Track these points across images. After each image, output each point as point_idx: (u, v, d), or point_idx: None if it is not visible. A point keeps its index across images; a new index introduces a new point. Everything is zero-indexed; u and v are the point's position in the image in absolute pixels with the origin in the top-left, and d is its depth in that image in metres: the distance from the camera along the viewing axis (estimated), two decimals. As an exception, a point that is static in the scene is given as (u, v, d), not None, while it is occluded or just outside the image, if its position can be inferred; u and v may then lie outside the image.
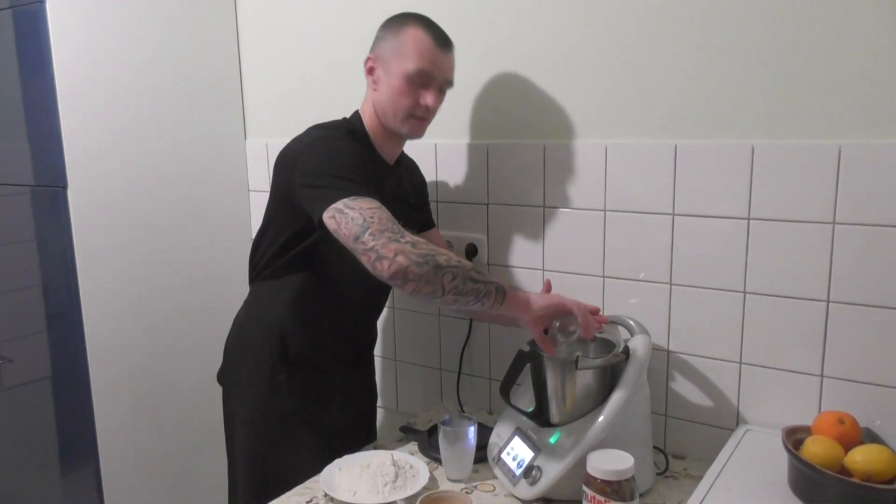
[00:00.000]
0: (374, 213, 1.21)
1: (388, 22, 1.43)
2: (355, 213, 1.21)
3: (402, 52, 1.37)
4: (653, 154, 1.44)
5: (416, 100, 1.39)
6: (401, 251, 1.16)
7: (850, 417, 1.16)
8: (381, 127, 1.45)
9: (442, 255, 1.20)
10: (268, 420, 1.47)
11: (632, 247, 1.50)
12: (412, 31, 1.38)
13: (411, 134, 1.45)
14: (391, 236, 1.18)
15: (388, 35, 1.40)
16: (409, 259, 1.15)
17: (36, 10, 1.64)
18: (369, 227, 1.18)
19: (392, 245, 1.16)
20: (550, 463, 1.25)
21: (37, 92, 1.70)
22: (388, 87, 1.39)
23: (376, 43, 1.43)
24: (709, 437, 1.46)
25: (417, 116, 1.42)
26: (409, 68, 1.36)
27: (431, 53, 1.38)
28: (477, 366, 1.77)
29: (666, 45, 1.41)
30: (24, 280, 1.88)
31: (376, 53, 1.42)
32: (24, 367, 1.96)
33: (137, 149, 1.83)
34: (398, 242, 1.17)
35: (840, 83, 1.26)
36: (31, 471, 2.03)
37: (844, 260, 1.28)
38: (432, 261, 1.17)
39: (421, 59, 1.37)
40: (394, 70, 1.38)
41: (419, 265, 1.16)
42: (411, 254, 1.16)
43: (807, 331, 1.33)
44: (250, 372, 1.50)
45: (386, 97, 1.40)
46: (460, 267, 1.20)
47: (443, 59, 1.40)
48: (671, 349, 1.48)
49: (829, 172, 1.27)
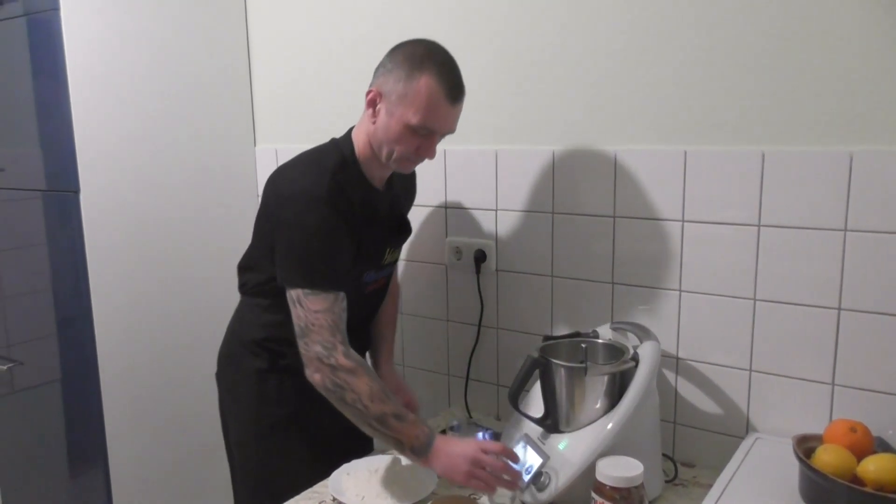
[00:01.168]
0: (319, 317, 1.28)
1: (401, 56, 1.31)
2: (301, 313, 1.29)
3: (411, 101, 1.28)
4: (662, 160, 1.44)
5: (415, 148, 1.33)
6: (319, 371, 1.28)
7: (862, 426, 1.15)
8: (370, 155, 1.39)
9: (355, 390, 1.26)
10: (260, 427, 1.48)
11: (641, 253, 1.49)
12: (426, 80, 1.27)
13: (400, 170, 1.42)
14: (319, 352, 1.28)
15: (399, 74, 1.29)
16: (323, 383, 1.28)
17: (50, 17, 1.66)
18: (307, 334, 1.29)
19: (315, 363, 1.28)
20: (559, 469, 1.25)
21: (50, 98, 1.72)
22: (387, 128, 1.32)
23: (383, 75, 1.32)
24: (718, 444, 1.45)
25: (411, 160, 1.38)
26: (413, 121, 1.29)
27: (441, 109, 1.30)
28: (485, 371, 1.77)
29: (676, 50, 1.41)
30: (35, 284, 1.89)
31: (382, 88, 1.32)
32: (34, 370, 1.97)
33: (148, 154, 1.85)
34: (321, 361, 1.28)
35: (852, 90, 1.25)
36: (41, 473, 2.04)
37: (856, 267, 1.27)
38: (338, 394, 1.28)
39: (428, 116, 1.29)
40: (398, 115, 1.30)
41: (327, 391, 1.29)
42: (326, 379, 1.28)
43: (818, 338, 1.32)
44: (241, 379, 1.50)
45: (383, 136, 1.34)
46: (363, 413, 1.27)
47: (450, 113, 1.33)
48: (680, 356, 1.48)
49: (841, 179, 1.26)
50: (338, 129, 1.46)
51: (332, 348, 1.28)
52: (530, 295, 1.66)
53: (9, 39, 1.78)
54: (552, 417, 1.32)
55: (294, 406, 1.47)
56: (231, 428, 1.55)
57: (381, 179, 1.45)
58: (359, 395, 1.26)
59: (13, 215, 1.91)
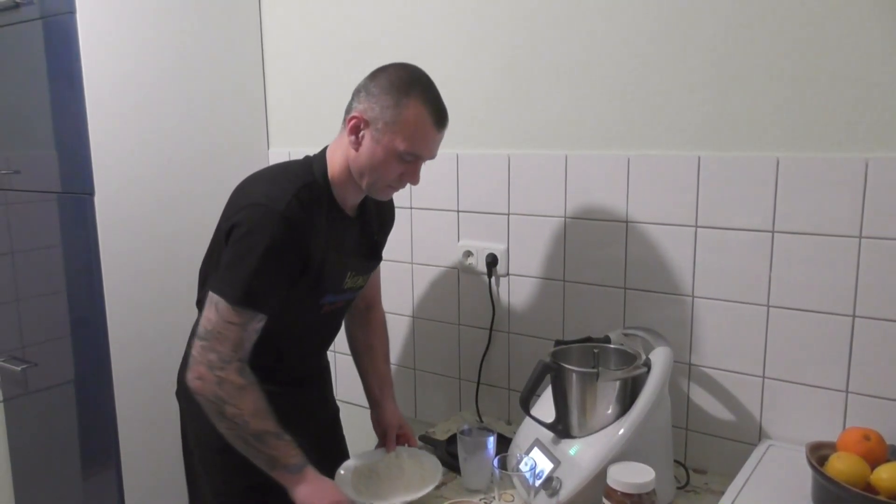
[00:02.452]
0: (230, 329, 1.24)
1: (386, 82, 1.28)
2: (213, 317, 1.25)
3: (399, 129, 1.26)
4: (676, 166, 1.44)
5: (399, 175, 1.31)
6: (203, 377, 1.23)
7: (876, 434, 1.14)
8: (345, 180, 1.35)
9: (235, 407, 1.23)
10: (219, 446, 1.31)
11: (654, 258, 1.49)
12: (413, 108, 1.26)
13: (379, 197, 1.39)
14: (212, 361, 1.23)
15: (386, 101, 1.26)
16: (203, 390, 1.24)
17: (66, 20, 1.68)
18: (208, 339, 1.24)
19: (202, 368, 1.23)
20: (570, 475, 1.24)
21: (65, 101, 1.73)
22: (372, 155, 1.28)
23: (367, 100, 1.28)
24: (731, 451, 1.44)
25: (393, 187, 1.35)
26: (401, 148, 1.27)
27: (429, 135, 1.29)
28: (496, 376, 1.77)
29: (689, 56, 1.41)
30: (49, 285, 1.90)
31: (367, 115, 1.28)
32: (48, 372, 1.98)
33: (163, 157, 1.86)
34: (209, 370, 1.23)
35: (867, 96, 1.25)
36: (54, 473, 2.05)
37: (871, 274, 1.26)
38: (217, 406, 1.23)
39: (417, 143, 1.28)
40: (385, 142, 1.27)
41: (206, 400, 1.24)
42: (207, 389, 1.23)
43: (832, 346, 1.31)
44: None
45: (366, 164, 1.30)
46: (242, 427, 1.23)
47: (436, 139, 1.32)
48: (693, 362, 1.47)
49: (856, 186, 1.26)
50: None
51: (228, 362, 1.23)
52: (542, 299, 1.66)
53: (25, 42, 1.80)
54: (563, 422, 1.31)
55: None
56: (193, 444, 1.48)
57: (353, 205, 1.41)
58: (242, 410, 1.23)
59: (29, 217, 1.93)
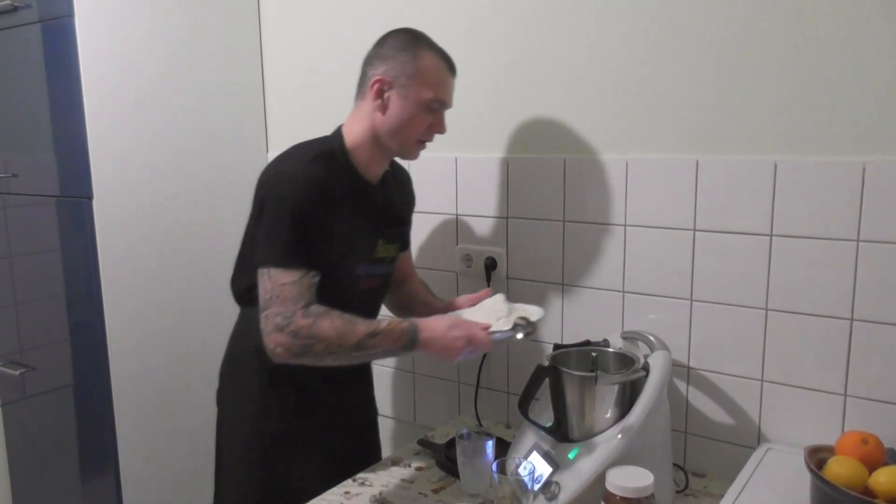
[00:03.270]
0: (285, 289, 1.27)
1: (395, 43, 1.38)
2: (269, 286, 1.28)
3: (421, 79, 1.35)
4: (674, 169, 1.44)
5: (428, 126, 1.39)
6: (280, 344, 1.26)
7: (874, 437, 1.14)
8: (370, 146, 1.41)
9: (321, 341, 1.25)
10: (262, 444, 1.45)
11: (652, 262, 1.49)
12: (430, 56, 1.37)
13: (411, 157, 1.46)
14: (279, 323, 1.26)
15: (402, 57, 1.36)
16: (287, 351, 1.26)
17: (64, 23, 1.68)
18: (270, 306, 1.27)
19: (274, 335, 1.26)
20: (569, 479, 1.24)
21: (64, 104, 1.73)
22: (402, 111, 1.36)
23: (385, 62, 1.37)
24: (729, 455, 1.44)
25: (424, 141, 1.43)
26: (429, 96, 1.36)
27: (447, 81, 1.40)
28: (495, 379, 1.77)
29: (688, 60, 1.41)
30: (48, 289, 1.90)
31: (388, 76, 1.36)
32: (46, 376, 1.98)
33: (161, 161, 1.86)
34: (280, 332, 1.25)
35: (864, 100, 1.25)
36: (52, 478, 2.05)
37: (869, 278, 1.27)
38: (308, 352, 1.26)
39: (440, 89, 1.37)
40: (412, 95, 1.35)
41: (296, 357, 1.27)
42: (290, 348, 1.26)
43: (830, 349, 1.32)
44: (242, 394, 1.49)
45: (396, 122, 1.37)
46: (339, 352, 1.27)
47: (453, 85, 1.42)
48: (692, 365, 1.47)
49: (854, 189, 1.26)
50: (349, 137, 1.47)
51: (292, 314, 1.26)
52: (541, 303, 1.66)
53: (24, 46, 1.80)
54: (562, 426, 1.31)
55: (296, 421, 1.46)
56: (230, 445, 1.52)
57: (376, 175, 1.46)
58: (327, 340, 1.25)
59: (27, 221, 1.93)
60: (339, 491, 1.42)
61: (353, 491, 1.42)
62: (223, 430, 1.55)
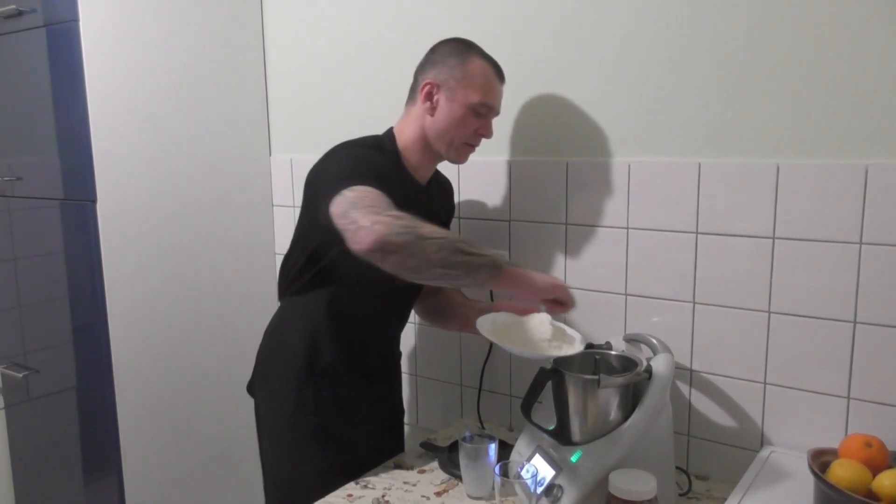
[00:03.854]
0: (368, 193, 1.22)
1: (446, 49, 1.44)
2: (350, 194, 1.22)
3: (469, 83, 1.40)
4: (677, 172, 1.44)
5: (475, 129, 1.44)
6: (379, 221, 1.15)
7: (877, 441, 1.14)
8: (420, 148, 1.46)
9: (427, 226, 1.19)
10: (294, 436, 1.48)
11: (655, 265, 1.49)
12: (478, 62, 1.42)
13: (458, 160, 1.49)
14: (375, 210, 1.18)
15: (451, 62, 1.41)
16: (388, 228, 1.14)
17: (69, 28, 1.69)
18: (357, 203, 1.19)
19: (372, 216, 1.16)
20: (571, 482, 1.24)
21: (68, 108, 1.74)
22: (449, 114, 1.41)
23: (435, 67, 1.43)
24: (733, 458, 1.44)
25: (471, 144, 1.47)
26: (475, 100, 1.40)
27: (495, 86, 1.44)
28: (498, 382, 1.77)
29: (690, 62, 1.41)
30: (52, 292, 1.91)
31: (438, 79, 1.42)
32: (50, 378, 1.98)
33: (165, 164, 1.87)
34: (379, 214, 1.17)
35: (867, 102, 1.25)
36: (55, 480, 2.05)
37: (872, 280, 1.26)
38: (414, 231, 1.16)
39: (487, 93, 1.41)
40: (460, 97, 1.40)
41: (399, 234, 1.14)
42: (392, 224, 1.15)
43: (833, 352, 1.31)
44: (279, 386, 1.50)
45: (444, 124, 1.42)
46: (447, 238, 1.20)
47: (500, 91, 1.46)
48: (694, 368, 1.47)
49: (856, 192, 1.26)
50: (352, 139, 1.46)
51: (388, 207, 1.20)
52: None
53: (29, 50, 1.81)
54: (565, 429, 1.31)
55: (328, 416, 1.48)
56: (265, 434, 1.55)
57: (424, 177, 1.50)
58: (434, 227, 1.21)
59: (31, 224, 1.94)
60: (342, 493, 1.42)
61: (355, 493, 1.42)
62: (260, 418, 1.57)
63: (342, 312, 1.47)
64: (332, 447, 1.49)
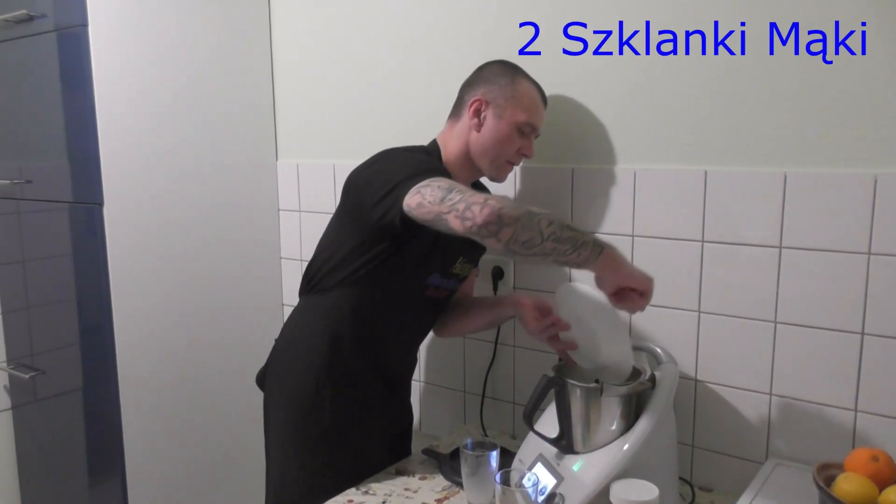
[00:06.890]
0: (455, 183, 1.23)
1: (497, 69, 1.46)
2: (440, 183, 1.22)
3: (517, 102, 1.43)
4: (683, 180, 1.43)
5: (519, 149, 1.46)
6: (491, 197, 1.16)
7: (884, 455, 1.12)
8: (463, 162, 1.47)
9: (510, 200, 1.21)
10: (305, 436, 1.47)
11: (660, 273, 1.48)
12: (526, 84, 1.45)
13: (499, 177, 1.50)
14: (475, 192, 1.18)
15: (502, 81, 1.44)
16: (501, 203, 1.15)
17: (78, 33, 1.70)
18: (452, 188, 1.19)
19: (479, 195, 1.16)
20: (573, 491, 1.23)
21: (77, 112, 1.75)
22: (496, 131, 1.43)
23: (485, 85, 1.45)
24: (737, 469, 1.42)
25: (513, 163, 1.49)
26: (522, 119, 1.43)
27: (540, 109, 1.47)
28: (501, 389, 1.76)
29: (696, 70, 1.40)
30: (59, 294, 1.92)
31: (487, 97, 1.44)
32: (56, 379, 2.00)
33: (172, 168, 1.88)
34: (483, 194, 1.18)
35: (875, 112, 1.24)
36: (60, 481, 2.06)
37: (880, 291, 1.25)
38: (525, 206, 1.17)
39: (533, 113, 1.44)
40: (507, 116, 1.42)
41: (514, 208, 1.15)
42: (503, 199, 1.16)
43: (840, 363, 1.30)
44: (294, 384, 1.49)
45: (489, 140, 1.44)
46: (553, 214, 1.18)
47: (544, 115, 1.49)
48: (699, 378, 1.46)
49: (865, 202, 1.25)
50: (359, 145, 1.47)
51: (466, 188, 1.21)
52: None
53: (38, 54, 1.83)
54: (567, 438, 1.30)
55: (342, 418, 1.47)
56: (274, 430, 1.54)
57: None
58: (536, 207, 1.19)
59: (39, 226, 1.95)
60: (343, 499, 1.41)
61: (356, 500, 1.41)
62: (270, 415, 1.55)
63: (368, 316, 1.46)
64: (342, 451, 1.48)
